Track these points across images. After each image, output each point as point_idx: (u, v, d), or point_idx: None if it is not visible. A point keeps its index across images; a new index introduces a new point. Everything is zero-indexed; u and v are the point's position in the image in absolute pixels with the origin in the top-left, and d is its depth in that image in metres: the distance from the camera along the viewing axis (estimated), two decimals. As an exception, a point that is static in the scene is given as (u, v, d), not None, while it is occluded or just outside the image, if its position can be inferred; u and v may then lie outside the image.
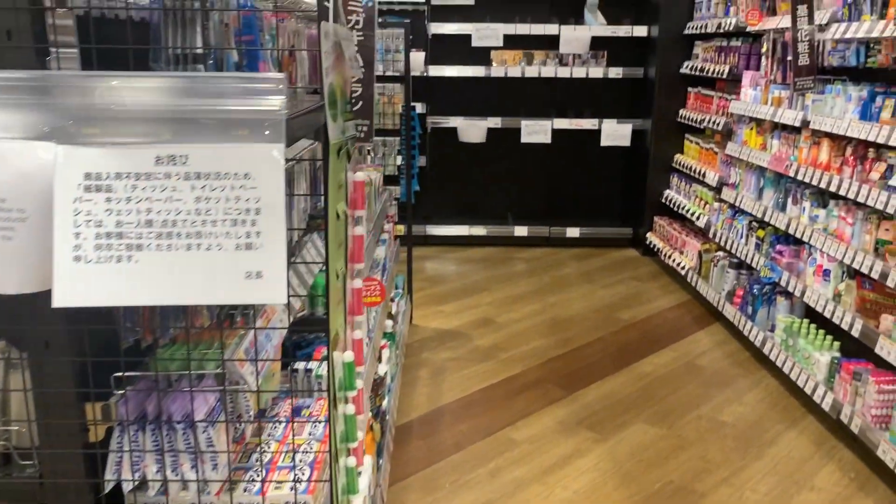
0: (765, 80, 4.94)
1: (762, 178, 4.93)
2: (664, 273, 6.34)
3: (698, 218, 5.83)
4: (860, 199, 3.67)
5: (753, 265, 4.85)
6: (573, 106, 7.09)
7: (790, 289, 4.33)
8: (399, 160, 5.09)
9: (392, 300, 4.29)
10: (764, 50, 5.01)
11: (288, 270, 1.91)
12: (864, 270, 3.59)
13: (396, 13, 6.87)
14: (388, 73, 5.82)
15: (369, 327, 3.32)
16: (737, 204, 5.20)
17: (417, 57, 5.08)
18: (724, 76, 5.50)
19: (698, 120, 5.98)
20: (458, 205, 7.39)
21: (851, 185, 3.76)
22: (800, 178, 4.28)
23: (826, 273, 4.00)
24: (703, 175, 5.79)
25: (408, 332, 4.84)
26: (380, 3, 6.65)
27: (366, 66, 2.49)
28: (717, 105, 5.72)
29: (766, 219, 4.72)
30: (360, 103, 2.52)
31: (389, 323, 3.82)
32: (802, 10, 4.12)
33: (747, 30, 5.13)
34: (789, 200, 4.52)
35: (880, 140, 3.51)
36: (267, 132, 0.87)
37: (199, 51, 1.42)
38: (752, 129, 5.08)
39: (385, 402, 3.45)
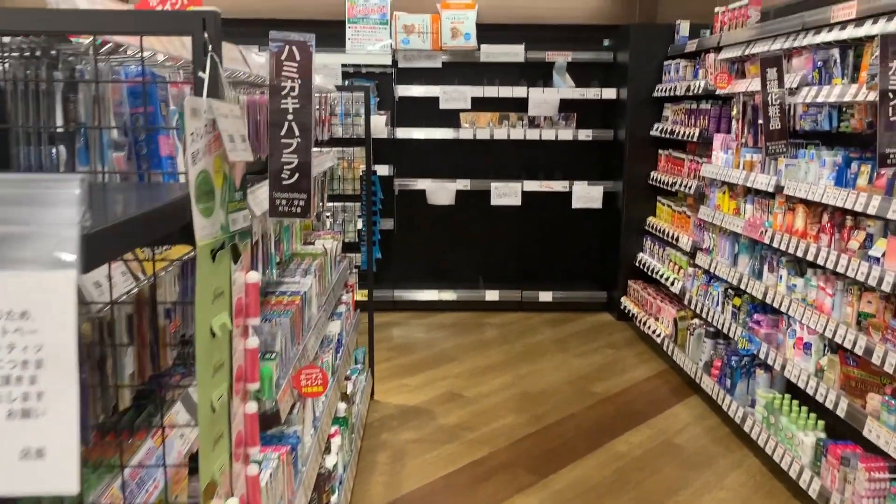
0: (736, 144, 4.82)
1: (736, 243, 4.76)
2: (640, 340, 6.11)
3: (673, 283, 5.63)
4: (839, 270, 3.49)
5: (731, 335, 4.64)
6: (543, 168, 6.96)
7: (770, 361, 4.11)
8: (360, 224, 4.86)
9: (348, 378, 4.01)
10: (734, 113, 4.91)
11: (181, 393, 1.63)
12: (847, 345, 3.38)
13: (363, 75, 6.76)
14: (354, 136, 5.65)
15: (315, 415, 3.03)
16: (711, 270, 5.02)
17: (379, 120, 4.91)
18: (695, 139, 5.39)
19: (670, 183, 5.84)
20: (428, 269, 7.16)
21: (829, 254, 3.58)
22: (775, 245, 4.11)
23: (807, 346, 3.79)
24: (677, 239, 5.63)
25: (367, 410, 4.53)
26: (345, 65, 6.53)
27: (302, 134, 2.27)
28: (689, 168, 5.59)
29: (742, 286, 4.52)
30: (297, 175, 2.29)
31: (342, 406, 3.53)
32: (772, 73, 4.01)
33: (717, 93, 5.03)
34: (765, 268, 4.34)
35: (857, 208, 3.34)
36: (57, 254, 0.63)
37: (65, 128, 1.18)
38: (724, 192, 4.93)
39: (334, 498, 3.14)
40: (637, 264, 6.43)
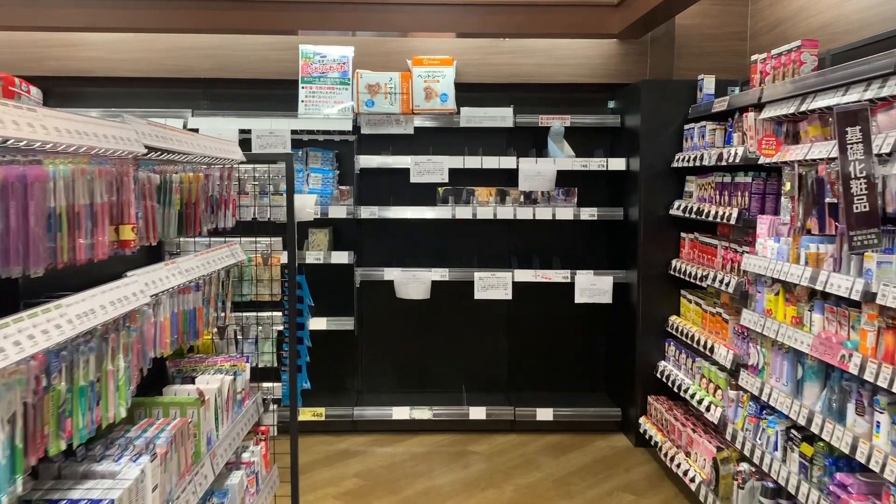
0: (789, 229, 3.59)
1: (800, 365, 3.46)
2: (666, 477, 4.72)
3: (708, 408, 4.30)
4: None
5: (800, 497, 3.28)
6: (539, 254, 5.73)
7: (871, 554, 2.75)
8: (283, 325, 3.59)
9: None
10: (786, 189, 3.69)
11: None
12: None
13: (319, 144, 5.64)
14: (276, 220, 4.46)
15: None
16: (763, 397, 3.69)
17: (306, 200, 3.74)
18: (733, 221, 4.15)
19: (698, 275, 4.58)
20: (397, 379, 5.87)
21: (975, 408, 2.28)
22: (866, 377, 2.81)
23: (940, 548, 2.45)
24: (711, 349, 4.32)
25: None
26: (296, 131, 5.41)
27: None
28: (724, 257, 4.34)
29: (814, 429, 3.20)
30: None
31: None
32: (854, 133, 2.80)
33: (759, 162, 3.83)
34: (850, 407, 3.03)
35: None
36: None
37: None
38: (777, 294, 3.66)
39: None
40: (658, 375, 5.11)
